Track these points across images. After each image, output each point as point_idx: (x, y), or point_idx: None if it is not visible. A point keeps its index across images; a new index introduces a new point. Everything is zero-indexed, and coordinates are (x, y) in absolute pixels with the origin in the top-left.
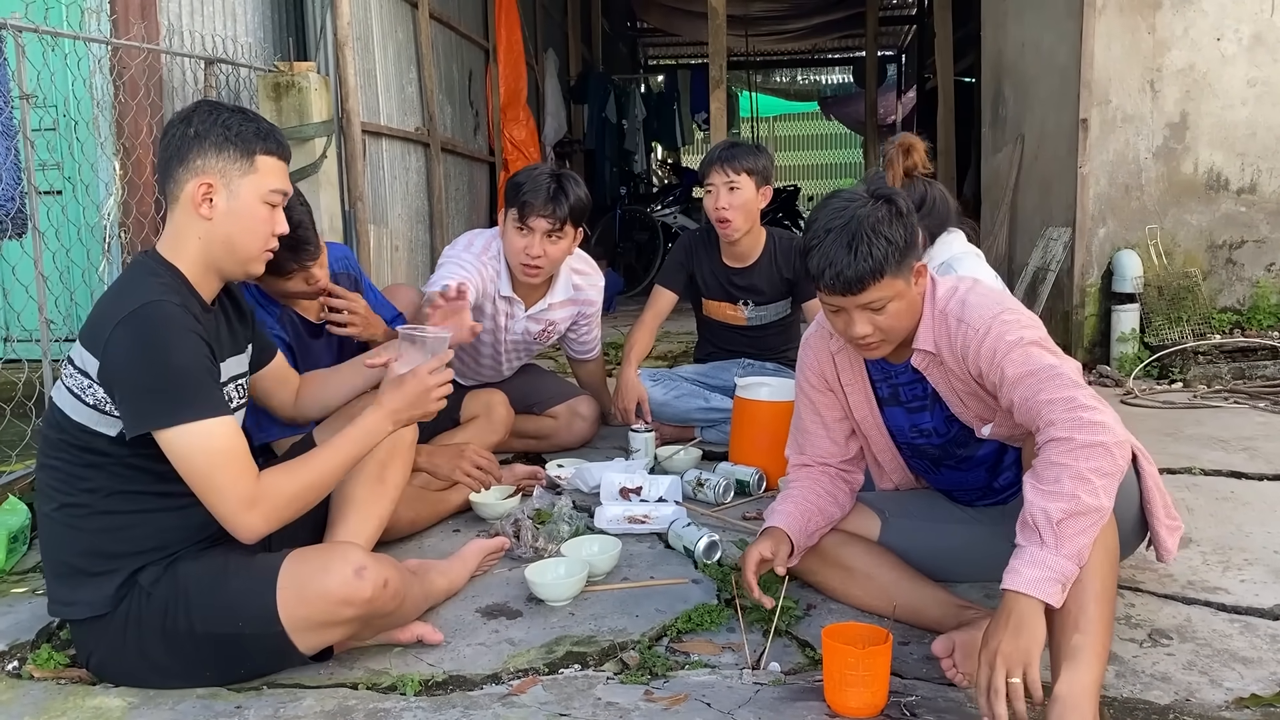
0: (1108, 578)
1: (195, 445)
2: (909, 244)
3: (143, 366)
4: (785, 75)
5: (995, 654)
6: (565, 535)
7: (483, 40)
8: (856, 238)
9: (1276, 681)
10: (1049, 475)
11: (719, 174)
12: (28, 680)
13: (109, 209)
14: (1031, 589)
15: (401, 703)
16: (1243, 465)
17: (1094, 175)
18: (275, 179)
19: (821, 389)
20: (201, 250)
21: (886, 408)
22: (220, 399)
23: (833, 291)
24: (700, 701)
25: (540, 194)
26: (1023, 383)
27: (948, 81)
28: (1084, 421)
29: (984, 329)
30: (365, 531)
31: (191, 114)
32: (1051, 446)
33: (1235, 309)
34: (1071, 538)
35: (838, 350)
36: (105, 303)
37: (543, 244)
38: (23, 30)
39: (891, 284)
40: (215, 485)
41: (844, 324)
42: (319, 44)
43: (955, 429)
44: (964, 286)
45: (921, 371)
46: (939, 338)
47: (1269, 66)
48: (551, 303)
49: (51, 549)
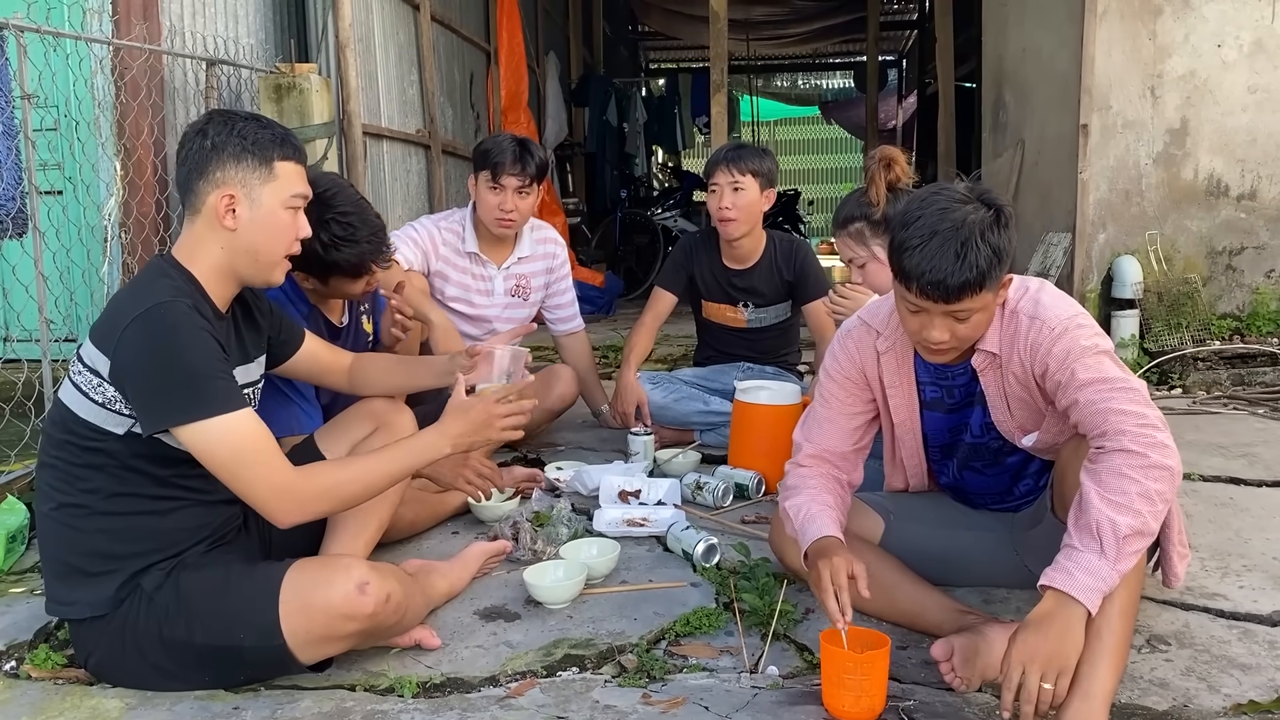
0: (1133, 594)
1: (219, 439)
2: (1008, 256)
3: (156, 366)
4: (786, 79)
5: (1034, 655)
6: (564, 538)
7: (484, 43)
8: (967, 245)
9: (1275, 688)
10: (1116, 485)
11: (724, 174)
12: (25, 680)
13: (110, 209)
14: (1081, 595)
15: (399, 705)
16: (1242, 471)
17: (1094, 181)
18: (295, 183)
19: (852, 382)
20: (223, 259)
21: (926, 411)
22: (237, 392)
23: (926, 296)
24: (698, 705)
25: (508, 155)
26: (1092, 386)
27: (948, 87)
28: (1157, 441)
29: (1060, 328)
30: (365, 534)
31: (206, 125)
32: (1122, 457)
33: (1235, 315)
34: (1128, 556)
35: (885, 350)
36: (118, 302)
37: (514, 199)
38: (25, 30)
39: (984, 297)
40: (244, 478)
41: (920, 325)
42: (320, 45)
43: (990, 437)
44: (1034, 285)
45: (978, 371)
46: (1005, 336)
47: (1269, 73)
48: (520, 256)
49: (50, 548)
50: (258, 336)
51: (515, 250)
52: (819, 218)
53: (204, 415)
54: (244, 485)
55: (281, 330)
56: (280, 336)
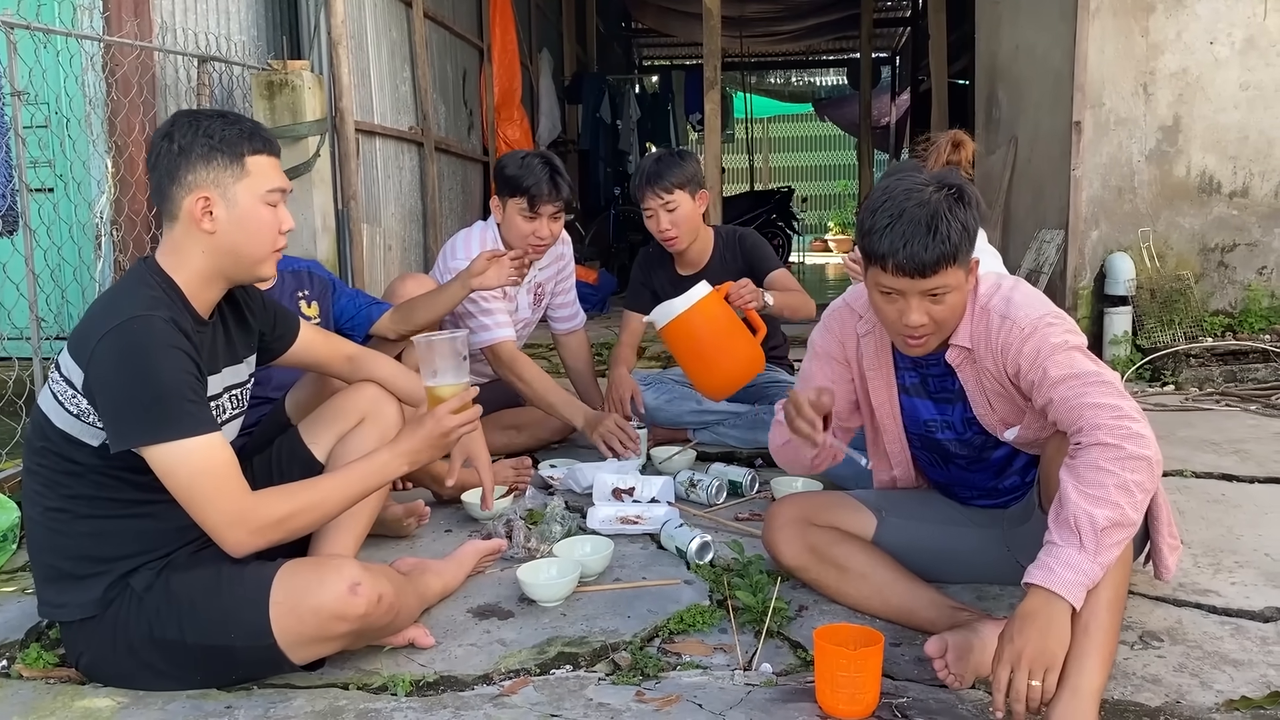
0: (1119, 587)
1: (178, 463)
2: (975, 233)
3: (126, 382)
4: (780, 77)
5: (1020, 654)
6: (557, 536)
7: (477, 40)
8: (936, 219)
9: (1267, 684)
10: (1093, 479)
11: (653, 197)
12: (16, 680)
13: (101, 207)
14: (1063, 590)
15: (392, 703)
16: (1234, 468)
17: (1087, 178)
18: (270, 178)
19: (835, 360)
20: (206, 263)
21: (906, 397)
22: (205, 416)
23: (902, 273)
24: (692, 702)
25: (544, 184)
26: (1065, 383)
27: (942, 84)
28: (1132, 432)
29: (1030, 328)
30: (355, 529)
31: (171, 129)
32: (1098, 450)
33: (1227, 312)
34: (1109, 548)
35: (865, 334)
36: (94, 312)
37: (548, 225)
38: (15, 27)
39: (957, 273)
40: (200, 503)
41: (898, 312)
42: (313, 42)
43: (972, 432)
44: (1007, 284)
45: (954, 367)
46: (977, 333)
47: (1261, 70)
48: (540, 267)
49: (39, 552)
50: (248, 336)
51: (536, 263)
52: (812, 215)
53: (168, 438)
54: (198, 510)
55: (276, 325)
56: (275, 332)
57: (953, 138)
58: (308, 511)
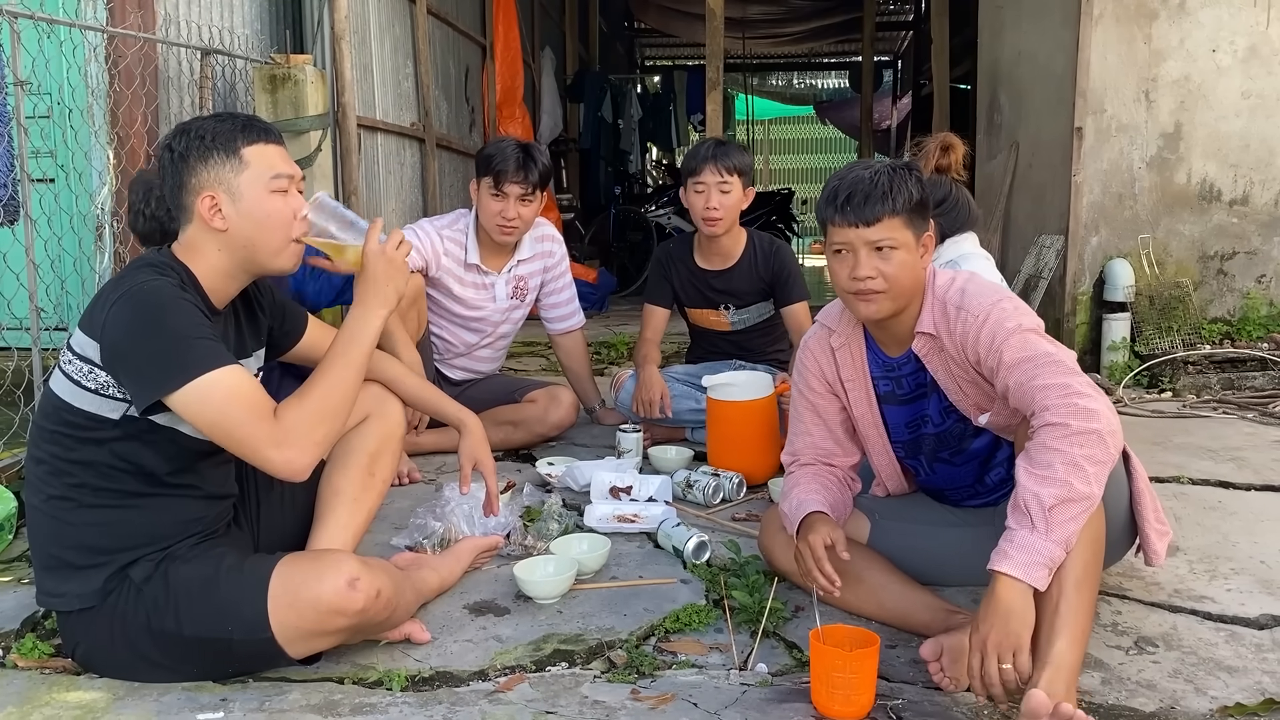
0: (1090, 564)
1: (205, 398)
2: (923, 203)
3: (142, 337)
4: (781, 78)
5: (985, 641)
6: (554, 533)
7: (480, 37)
8: (880, 175)
9: (1261, 691)
10: (1042, 459)
11: (712, 173)
12: (11, 670)
13: (102, 198)
14: (1019, 572)
15: (388, 698)
16: (1230, 475)
17: (1087, 184)
18: (271, 164)
19: (823, 391)
20: (224, 260)
21: (885, 405)
22: (222, 351)
23: (847, 222)
24: (687, 701)
25: (511, 163)
26: (1019, 367)
27: (943, 88)
28: (1079, 408)
29: (983, 315)
30: (354, 524)
31: (171, 140)
32: (1046, 431)
33: (1226, 319)
34: (1062, 524)
35: (839, 346)
36: (105, 290)
37: (516, 207)
38: (19, 16)
39: (903, 231)
40: (236, 435)
41: (849, 267)
42: (316, 37)
43: (951, 420)
44: (962, 277)
45: (922, 358)
46: (939, 322)
47: (1263, 79)
48: (520, 259)
49: (39, 541)
50: (257, 329)
51: (516, 254)
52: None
53: (190, 376)
54: (238, 440)
55: (285, 320)
56: (283, 326)
57: (942, 140)
58: (330, 402)
